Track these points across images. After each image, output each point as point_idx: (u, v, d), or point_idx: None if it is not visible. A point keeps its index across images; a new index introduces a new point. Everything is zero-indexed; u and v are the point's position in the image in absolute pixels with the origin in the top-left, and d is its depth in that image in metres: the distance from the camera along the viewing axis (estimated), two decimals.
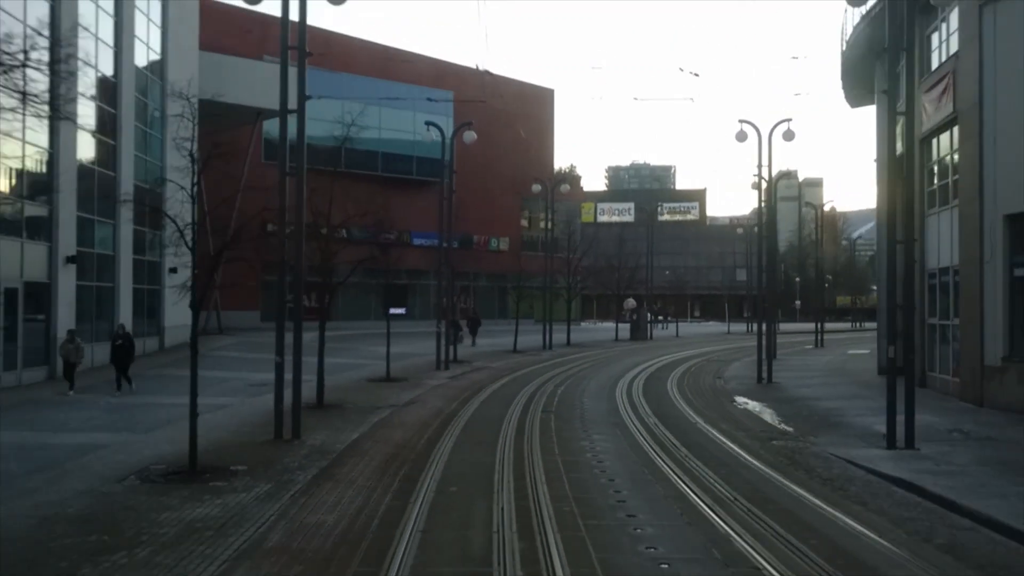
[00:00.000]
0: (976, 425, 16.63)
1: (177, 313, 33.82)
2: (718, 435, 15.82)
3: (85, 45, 22.64)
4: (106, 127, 27.01)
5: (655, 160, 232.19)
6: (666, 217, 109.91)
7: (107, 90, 27.14)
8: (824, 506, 10.28)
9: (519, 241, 65.49)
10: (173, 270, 31.14)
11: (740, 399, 21.87)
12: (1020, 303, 18.03)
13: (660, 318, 72.56)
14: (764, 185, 28.43)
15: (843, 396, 22.18)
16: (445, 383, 24.76)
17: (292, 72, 17.49)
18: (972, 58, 19.26)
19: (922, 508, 10.32)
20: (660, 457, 13.41)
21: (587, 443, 14.68)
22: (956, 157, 20.92)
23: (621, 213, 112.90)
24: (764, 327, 28.20)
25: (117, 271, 27.39)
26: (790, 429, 16.77)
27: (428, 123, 32.42)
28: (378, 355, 27.65)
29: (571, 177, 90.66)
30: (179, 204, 12.53)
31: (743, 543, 8.60)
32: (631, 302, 65.36)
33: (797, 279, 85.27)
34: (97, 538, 8.54)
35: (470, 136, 30.50)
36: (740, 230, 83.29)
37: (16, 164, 21.90)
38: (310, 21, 15.73)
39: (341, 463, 12.60)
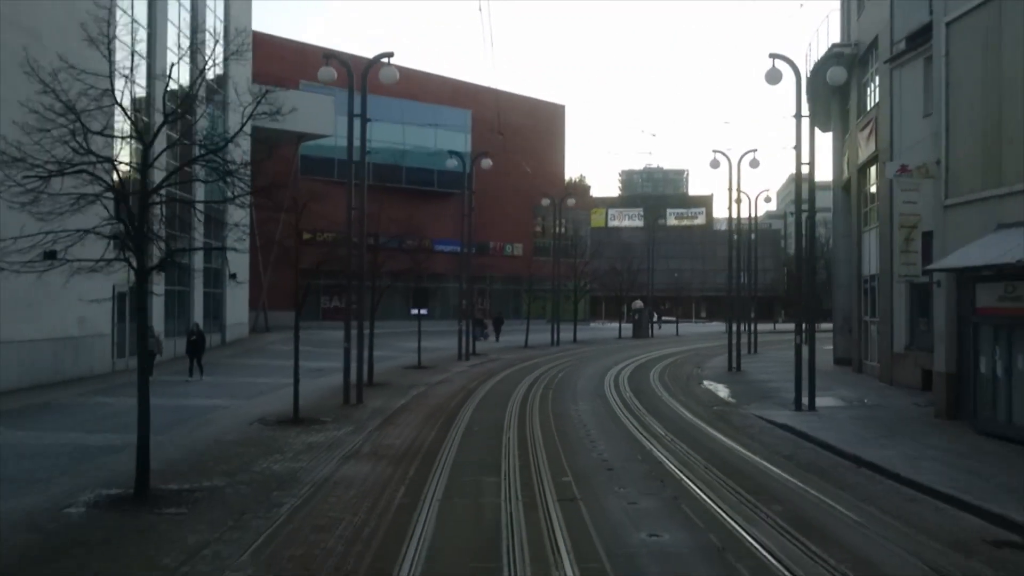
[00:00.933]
0: (878, 397, 21.63)
1: (235, 313, 39.31)
2: (676, 404, 20.92)
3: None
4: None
5: (668, 164, 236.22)
6: (673, 222, 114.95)
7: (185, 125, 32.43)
8: (723, 438, 15.41)
9: (531, 246, 70.61)
10: (233, 275, 36.76)
11: (707, 382, 26.91)
12: (917, 304, 22.98)
13: (658, 318, 77.23)
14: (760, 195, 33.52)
15: (790, 379, 27.13)
16: (466, 370, 29.97)
17: (327, 100, 21.76)
18: (886, 109, 24.22)
19: (789, 440, 15.41)
20: (625, 415, 18.54)
21: (574, 408, 19.80)
22: (876, 187, 25.93)
23: (631, 218, 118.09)
24: (735, 325, 33.25)
25: (191, 278, 32.69)
26: (733, 400, 21.87)
27: (451, 152, 37.67)
28: (407, 349, 32.83)
29: (580, 187, 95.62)
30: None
31: (658, 453, 13.75)
32: (639, 303, 70.64)
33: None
34: (255, 449, 13.71)
35: (487, 163, 35.72)
36: (735, 237, 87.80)
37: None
38: (351, 49, 20.95)
39: (396, 417, 17.79)
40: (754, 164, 31.56)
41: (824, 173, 29.93)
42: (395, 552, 8.26)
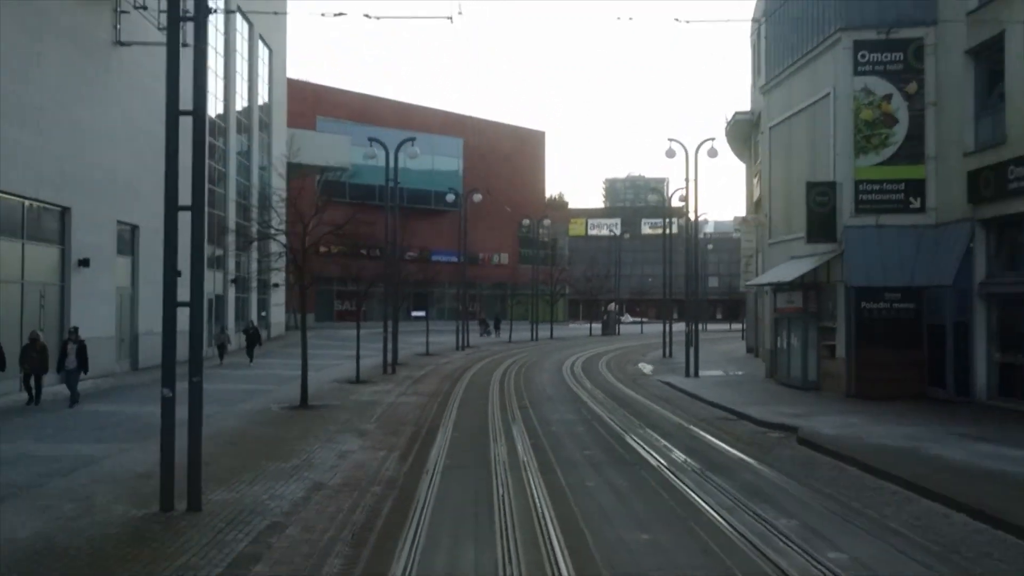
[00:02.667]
0: (748, 371, 31.13)
1: (276, 313, 48.68)
2: (608, 375, 30.46)
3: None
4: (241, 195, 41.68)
5: (650, 173, 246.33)
6: (648, 231, 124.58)
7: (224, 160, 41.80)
8: (626, 389, 24.99)
9: (516, 255, 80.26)
10: (276, 285, 46.22)
11: (640, 364, 36.43)
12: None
13: (630, 318, 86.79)
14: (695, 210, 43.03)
15: (705, 362, 36.66)
16: (463, 356, 39.45)
17: (345, 139, 31.06)
18: (766, 162, 33.74)
19: (668, 391, 24.92)
20: (570, 380, 28.07)
21: (538, 378, 29.27)
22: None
23: (610, 228, 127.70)
24: (667, 322, 42.82)
25: (249, 287, 42.04)
26: (648, 373, 31.43)
27: (450, 189, 47.24)
28: (413, 343, 42.10)
29: (559, 203, 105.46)
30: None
31: (582, 395, 23.31)
32: (613, 306, 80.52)
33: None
34: (345, 392, 23.03)
35: (477, 197, 45.27)
36: (710, 246, 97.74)
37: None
38: (355, 88, 30.39)
39: (421, 380, 27.22)
40: (712, 153, 36.95)
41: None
42: (438, 425, 17.66)
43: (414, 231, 64.74)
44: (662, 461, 13.35)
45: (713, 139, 30.04)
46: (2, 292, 19.90)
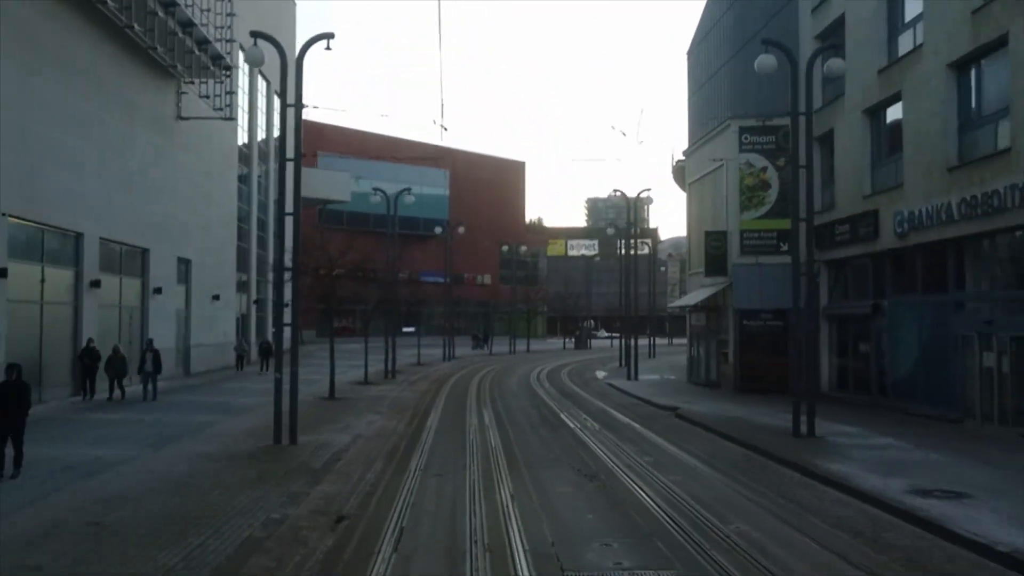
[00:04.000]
0: (682, 377, 38.36)
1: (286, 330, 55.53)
2: (566, 379, 37.62)
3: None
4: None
5: (631, 192, 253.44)
6: (623, 252, 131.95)
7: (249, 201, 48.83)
8: (577, 388, 32.21)
9: (498, 276, 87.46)
10: (286, 304, 53.25)
11: (598, 372, 43.60)
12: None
13: (597, 333, 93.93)
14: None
15: (650, 369, 43.90)
16: (449, 366, 46.54)
17: (345, 175, 38.50)
18: (687, 210, 40.98)
19: (610, 390, 32.12)
20: (535, 383, 35.25)
21: (509, 381, 36.41)
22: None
23: (588, 248, 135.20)
24: (625, 338, 49.95)
25: (267, 307, 48.99)
26: (601, 379, 38.59)
27: (438, 225, 54.43)
28: (404, 355, 49.04)
29: (537, 228, 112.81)
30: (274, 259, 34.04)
31: (540, 393, 30.49)
32: (589, 322, 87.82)
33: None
34: (358, 391, 30.08)
35: (461, 230, 52.49)
36: (663, 268, 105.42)
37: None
38: (351, 124, 37.53)
39: (416, 382, 34.31)
40: (647, 201, 46.45)
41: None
42: (430, 409, 24.74)
43: (405, 255, 72.10)
44: (578, 426, 20.52)
45: (649, 189, 37.35)
46: (108, 314, 26.86)
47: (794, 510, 11.34)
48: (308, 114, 43.45)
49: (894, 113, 22.85)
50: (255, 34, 17.39)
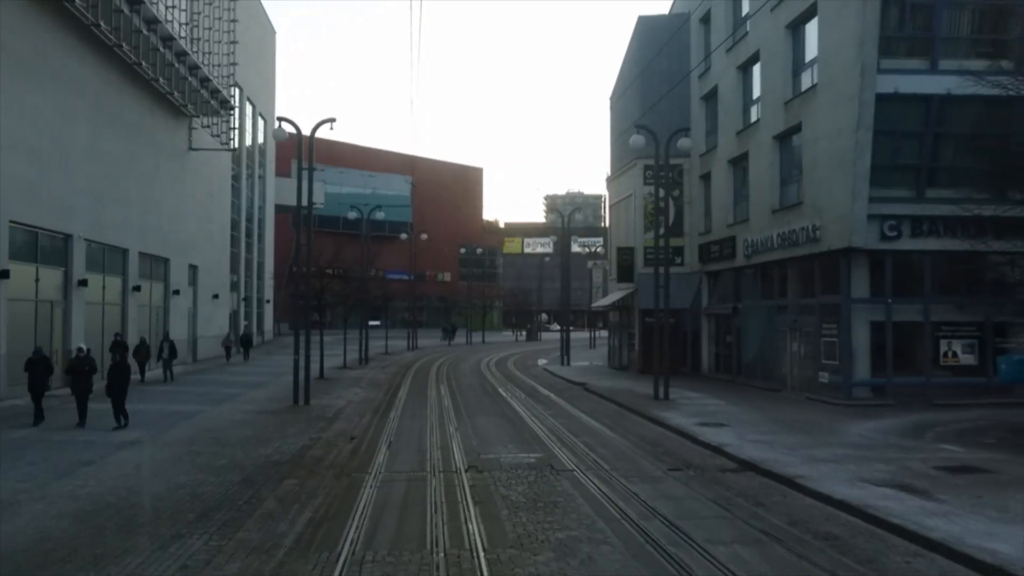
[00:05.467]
0: (620, 368, 46.10)
1: (266, 322, 62.48)
2: (511, 366, 45.19)
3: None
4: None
5: (589, 189, 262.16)
6: (577, 249, 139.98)
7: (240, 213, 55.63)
8: (517, 372, 39.81)
9: (458, 273, 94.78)
10: (268, 300, 60.27)
11: (540, 360, 51.20)
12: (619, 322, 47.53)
13: (549, 327, 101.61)
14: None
15: (586, 358, 51.58)
16: (413, 355, 53.90)
17: (319, 184, 46.32)
18: (609, 227, 48.71)
19: (544, 373, 39.75)
20: (485, 368, 42.78)
21: (463, 366, 43.88)
22: None
23: (544, 245, 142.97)
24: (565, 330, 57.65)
25: (253, 302, 55.88)
26: (541, 365, 46.23)
27: (404, 233, 61.61)
28: (372, 345, 56.32)
29: (494, 228, 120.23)
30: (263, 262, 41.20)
31: (487, 375, 38.05)
32: (542, 316, 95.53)
33: None
34: (342, 373, 37.38)
35: (424, 237, 59.80)
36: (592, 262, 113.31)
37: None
38: (322, 134, 44.76)
39: (388, 366, 41.65)
40: (580, 214, 55.44)
41: None
42: (400, 384, 32.14)
43: (372, 254, 79.24)
44: (509, 395, 28.08)
45: (580, 208, 44.78)
46: (143, 312, 33.79)
47: (623, 434, 18.95)
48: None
49: (746, 166, 30.68)
50: (280, 119, 24.51)
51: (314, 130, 25.24)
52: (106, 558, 8.87)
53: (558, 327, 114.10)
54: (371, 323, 75.31)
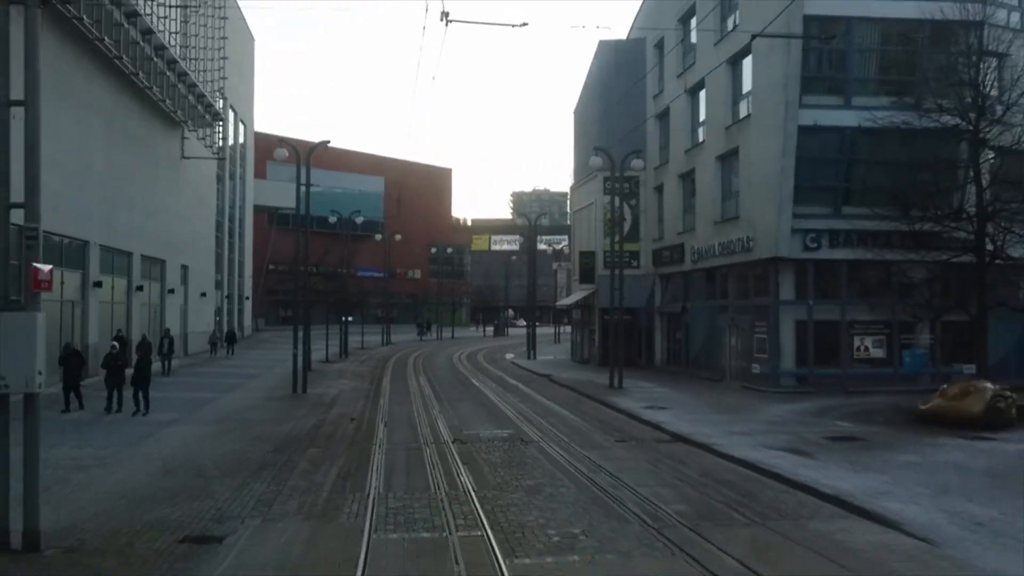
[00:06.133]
0: (582, 361, 49.73)
1: (246, 318, 65.30)
2: (481, 359, 48.66)
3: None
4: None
5: (555, 187, 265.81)
6: (543, 247, 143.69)
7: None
8: (487, 364, 43.32)
9: (428, 270, 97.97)
10: (248, 297, 63.14)
11: (507, 354, 54.70)
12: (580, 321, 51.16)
13: (516, 322, 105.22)
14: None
15: (551, 352, 55.14)
16: (388, 349, 57.16)
17: (291, 185, 50.88)
18: (573, 231, 52.27)
19: (512, 365, 43.27)
20: (457, 361, 46.21)
21: (437, 359, 47.26)
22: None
23: (510, 243, 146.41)
24: (531, 325, 61.24)
25: (234, 299, 58.71)
26: (508, 359, 49.75)
27: (379, 234, 64.69)
28: (349, 342, 59.54)
29: (463, 227, 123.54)
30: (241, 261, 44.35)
31: (459, 367, 41.51)
32: (511, 312, 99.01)
33: None
34: (327, 365, 40.56)
35: (398, 237, 62.98)
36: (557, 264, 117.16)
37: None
38: (298, 135, 47.91)
39: (365, 361, 44.91)
40: (546, 219, 59.10)
41: None
42: (383, 375, 35.45)
43: (346, 252, 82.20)
44: (482, 385, 31.52)
45: (546, 213, 48.32)
46: (143, 310, 36.71)
47: (581, 415, 22.47)
48: (260, 126, 53.46)
49: (693, 180, 34.35)
50: (280, 140, 27.65)
51: (310, 152, 28.44)
52: (201, 496, 12.17)
53: (524, 323, 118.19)
54: (344, 318, 78.35)
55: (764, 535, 10.40)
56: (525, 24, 21.29)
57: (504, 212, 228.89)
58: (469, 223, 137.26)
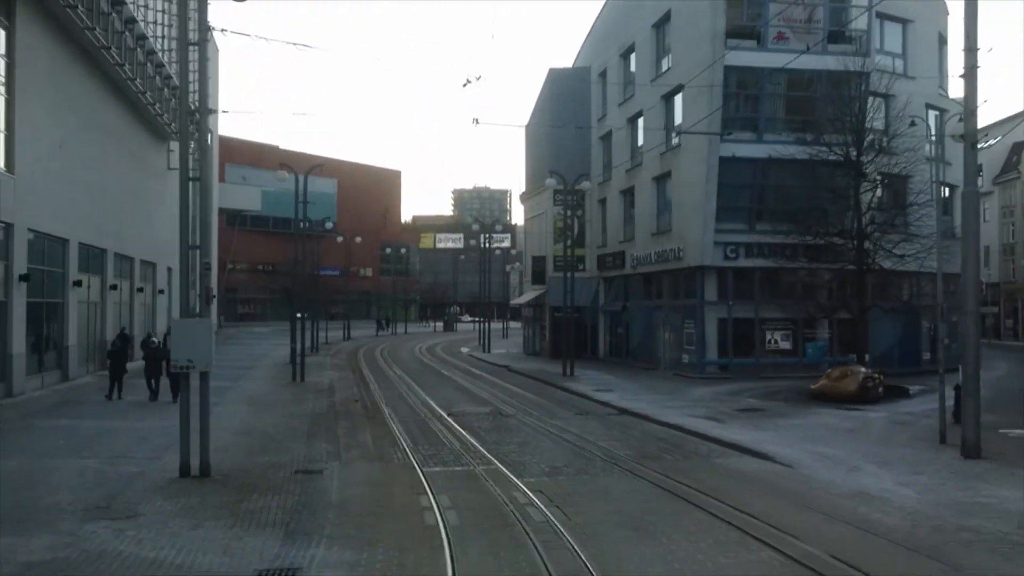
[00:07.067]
0: (534, 354, 54.78)
1: (213, 317, 68.75)
2: (441, 353, 53.42)
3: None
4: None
5: (495, 184, 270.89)
6: (486, 245, 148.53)
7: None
8: (445, 355, 48.16)
9: (378, 269, 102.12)
10: (215, 296, 66.75)
11: (463, 348, 59.50)
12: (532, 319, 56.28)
13: (462, 318, 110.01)
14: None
15: (503, 346, 60.05)
16: (351, 344, 61.48)
17: (256, 190, 53.47)
18: (527, 238, 57.28)
19: (470, 357, 48.13)
20: (420, 353, 50.92)
21: (401, 352, 51.87)
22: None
23: (455, 241, 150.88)
24: (486, 321, 66.15)
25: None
26: (464, 351, 54.57)
27: (341, 235, 68.87)
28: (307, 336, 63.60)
29: (412, 226, 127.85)
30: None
31: (421, 357, 46.26)
32: (456, 308, 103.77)
33: None
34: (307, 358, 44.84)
35: (358, 239, 67.28)
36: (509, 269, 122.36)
37: None
38: (251, 137, 52.18)
39: (336, 355, 49.28)
40: (499, 223, 64.03)
41: None
42: (358, 362, 39.97)
43: (304, 251, 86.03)
44: (451, 374, 36.33)
45: (498, 222, 53.23)
46: (142, 310, 40.56)
47: (543, 397, 27.45)
48: (220, 128, 57.78)
49: (633, 197, 39.59)
50: (282, 165, 32.02)
51: (307, 174, 32.90)
52: (282, 450, 16.76)
53: (470, 318, 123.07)
54: (299, 315, 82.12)
55: (683, 464, 15.54)
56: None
57: (445, 209, 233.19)
58: (411, 220, 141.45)
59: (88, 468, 14.21)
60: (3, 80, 23.24)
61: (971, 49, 15.76)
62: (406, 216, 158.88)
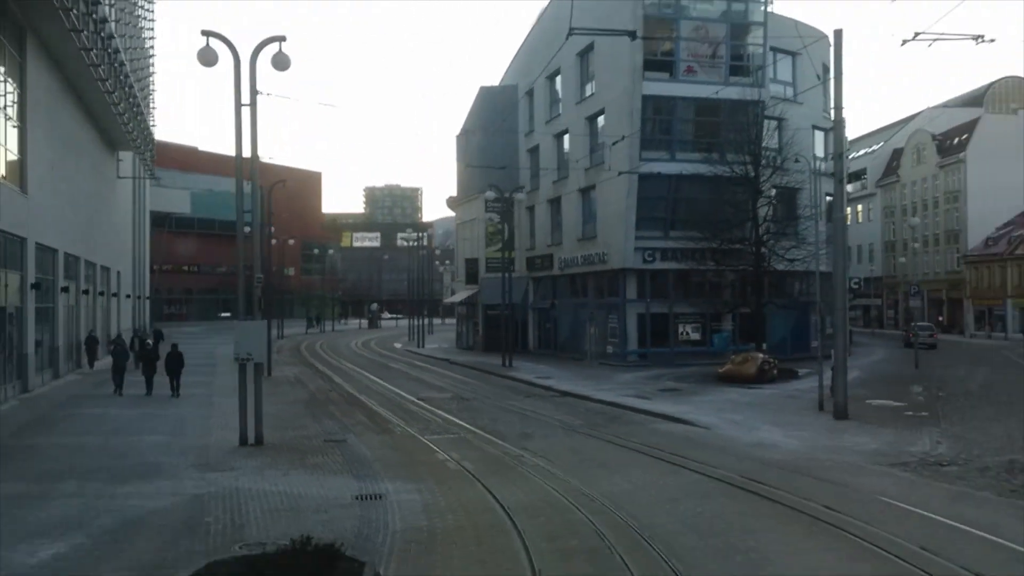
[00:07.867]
0: (467, 348, 58.78)
1: (147, 317, 70.48)
2: (378, 348, 56.98)
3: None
4: None
5: (405, 182, 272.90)
6: (402, 243, 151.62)
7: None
8: (381, 350, 51.83)
9: (300, 268, 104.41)
10: (149, 297, 68.53)
11: (396, 343, 63.12)
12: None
13: (383, 315, 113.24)
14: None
15: (433, 341, 63.90)
16: (288, 341, 64.14)
17: (186, 193, 56.69)
18: (459, 242, 61.29)
19: (406, 351, 51.91)
20: (357, 348, 54.39)
21: (340, 348, 55.20)
22: None
23: (371, 240, 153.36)
24: (417, 318, 69.86)
25: (142, 299, 64.17)
26: (398, 347, 58.25)
27: (273, 235, 71.56)
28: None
29: (333, 226, 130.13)
30: None
31: (359, 354, 49.84)
32: (375, 306, 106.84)
33: None
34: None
35: (292, 241, 70.04)
36: (441, 269, 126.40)
37: None
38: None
39: (281, 351, 52.10)
40: (415, 234, 67.76)
41: None
42: (304, 356, 43.36)
43: (222, 251, 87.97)
44: (399, 365, 40.18)
45: (432, 226, 57.06)
46: (101, 313, 42.94)
47: (491, 385, 31.61)
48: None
49: (560, 205, 44.08)
50: (278, 182, 35.29)
51: (271, 188, 36.18)
52: (300, 427, 20.46)
53: (390, 315, 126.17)
54: (223, 315, 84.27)
55: (625, 429, 20.01)
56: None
57: (357, 207, 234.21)
58: (324, 218, 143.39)
59: (160, 442, 17.69)
60: (17, 111, 26.04)
61: (838, 107, 20.66)
62: (328, 219, 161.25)
